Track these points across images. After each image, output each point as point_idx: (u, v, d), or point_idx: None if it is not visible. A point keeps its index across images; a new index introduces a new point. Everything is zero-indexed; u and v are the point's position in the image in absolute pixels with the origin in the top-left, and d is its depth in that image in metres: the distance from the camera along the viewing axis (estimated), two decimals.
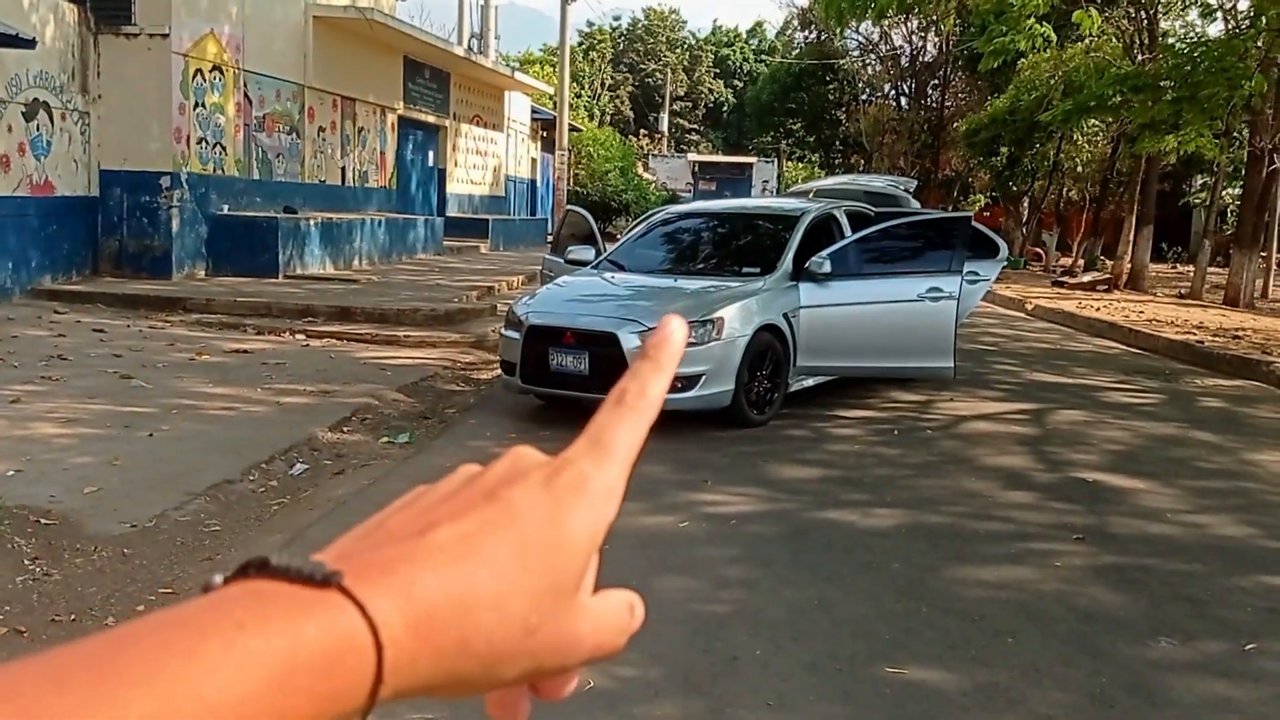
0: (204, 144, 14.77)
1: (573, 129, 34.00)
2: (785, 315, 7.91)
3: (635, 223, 9.71)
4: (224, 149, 15.25)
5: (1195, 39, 17.11)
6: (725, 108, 67.03)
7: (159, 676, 0.37)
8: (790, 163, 50.01)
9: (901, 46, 36.99)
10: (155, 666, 0.37)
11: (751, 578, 4.66)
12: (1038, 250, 31.38)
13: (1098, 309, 16.89)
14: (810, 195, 10.32)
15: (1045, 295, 19.59)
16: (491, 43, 27.48)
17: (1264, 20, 14.00)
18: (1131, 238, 22.95)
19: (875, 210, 9.36)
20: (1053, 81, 22.28)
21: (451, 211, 23.69)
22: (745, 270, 8.25)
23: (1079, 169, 29.63)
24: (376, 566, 0.43)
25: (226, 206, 15.22)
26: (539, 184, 32.31)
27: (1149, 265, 23.42)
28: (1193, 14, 22.21)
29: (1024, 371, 10.80)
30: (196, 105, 14.55)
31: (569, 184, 31.13)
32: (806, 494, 6.01)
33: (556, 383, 7.52)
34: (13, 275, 12.56)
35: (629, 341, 7.21)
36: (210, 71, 14.82)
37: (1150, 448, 7.49)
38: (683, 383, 7.25)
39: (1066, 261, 29.29)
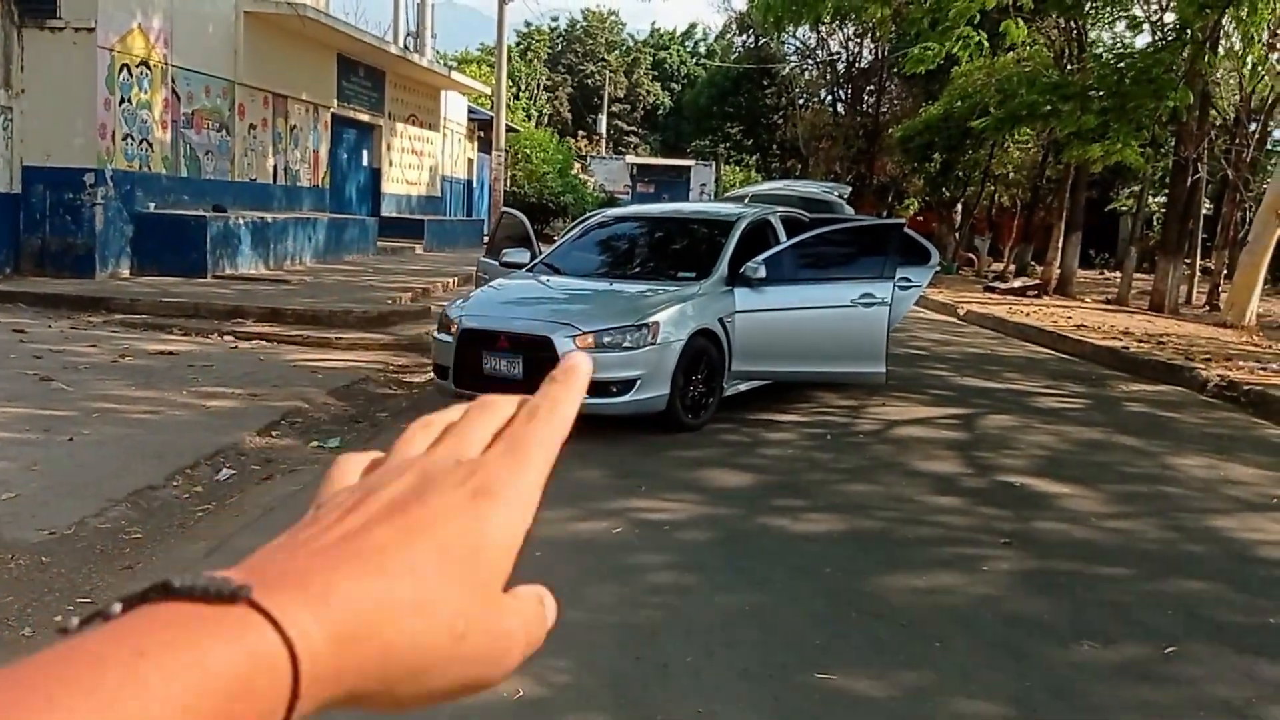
0: (130, 140, 14.46)
1: (510, 130, 33.85)
2: (720, 320, 7.92)
3: (571, 225, 9.66)
4: (151, 146, 14.94)
5: (1122, 50, 17.48)
6: (663, 110, 67.20)
7: (54, 713, 0.34)
8: (728, 166, 50.25)
9: (838, 52, 37.39)
10: (50, 704, 0.35)
11: (684, 584, 4.65)
12: (970, 256, 31.85)
13: (1028, 314, 17.18)
14: (746, 200, 10.36)
15: (977, 300, 19.87)
16: (428, 41, 27.24)
17: (1189, 33, 14.33)
18: (1061, 244, 23.40)
19: (809, 216, 9.42)
20: (985, 90, 22.65)
21: (387, 212, 23.44)
22: (681, 274, 8.26)
23: (1010, 176, 30.15)
24: (291, 578, 0.41)
25: (153, 204, 14.92)
26: (475, 185, 32.11)
27: (1078, 271, 23.89)
28: (1120, 25, 22.74)
29: (955, 376, 10.94)
30: (123, 101, 14.25)
31: (506, 185, 30.99)
32: (740, 499, 6.02)
33: (490, 386, 7.44)
34: None
35: (564, 345, 7.17)
36: (137, 66, 14.52)
37: (1076, 452, 7.62)
38: (618, 387, 7.24)
39: (998, 267, 29.78)
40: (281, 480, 6.30)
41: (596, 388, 7.19)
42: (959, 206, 31.97)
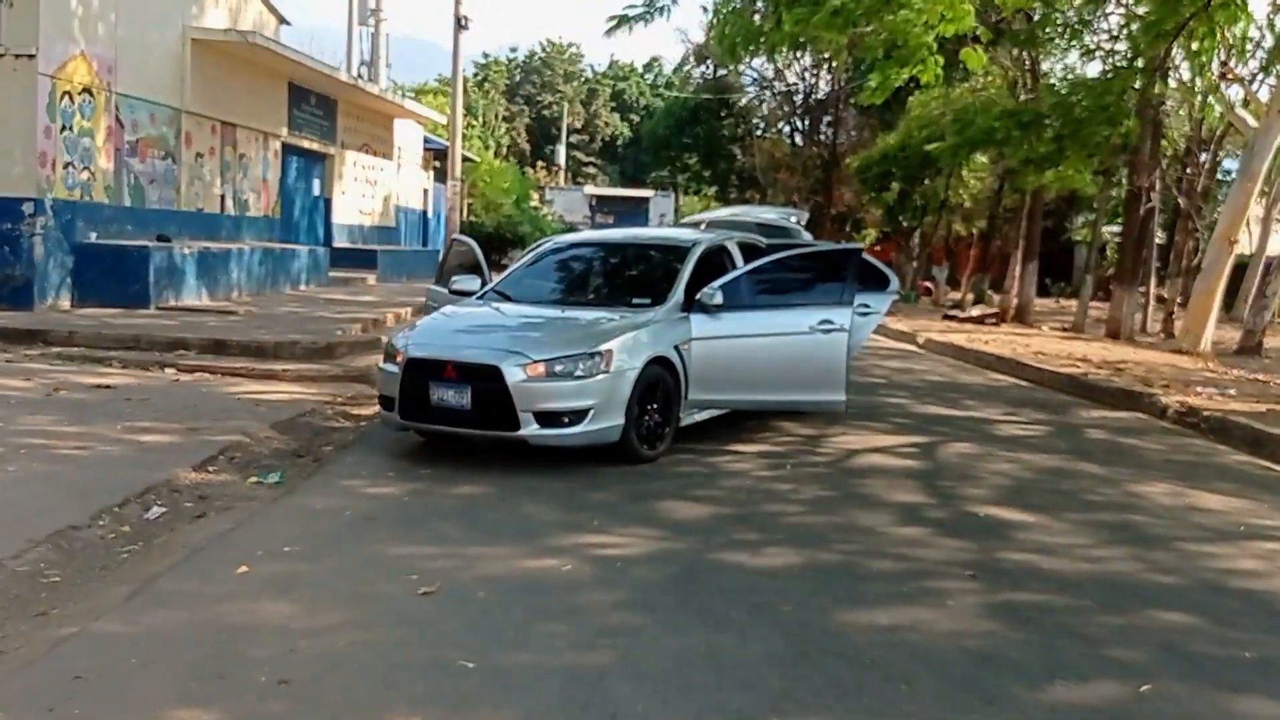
0: (71, 169, 14.08)
1: (467, 159, 33.65)
2: (676, 347, 7.70)
3: (525, 252, 9.43)
4: (93, 174, 14.56)
5: (1076, 79, 17.57)
6: (621, 141, 67.31)
7: None
8: (688, 196, 50.28)
9: (795, 83, 37.53)
10: None
11: (636, 624, 4.39)
12: (928, 285, 31.93)
13: (987, 342, 17.12)
14: (702, 226, 10.18)
15: (937, 329, 19.83)
16: (382, 70, 27.04)
17: (1139, 61, 14.39)
18: (1018, 273, 23.47)
19: (766, 242, 9.25)
20: (943, 119, 22.71)
21: (339, 242, 23.09)
22: (635, 301, 8.03)
23: (966, 205, 30.31)
24: None
25: (95, 234, 14.52)
26: (431, 215, 31.81)
27: (1034, 299, 23.96)
28: (1073, 56, 22.91)
29: (915, 404, 10.79)
30: (64, 129, 13.88)
31: (463, 215, 30.76)
32: (697, 533, 5.78)
33: (437, 418, 7.19)
34: None
35: (513, 375, 6.92)
36: (80, 94, 14.17)
37: (1039, 480, 7.45)
38: (570, 417, 7.00)
39: (956, 295, 29.88)
40: (214, 518, 5.99)
41: (548, 418, 6.96)
42: (917, 236, 32.08)
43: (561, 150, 60.53)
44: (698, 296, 7.88)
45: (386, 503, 6.32)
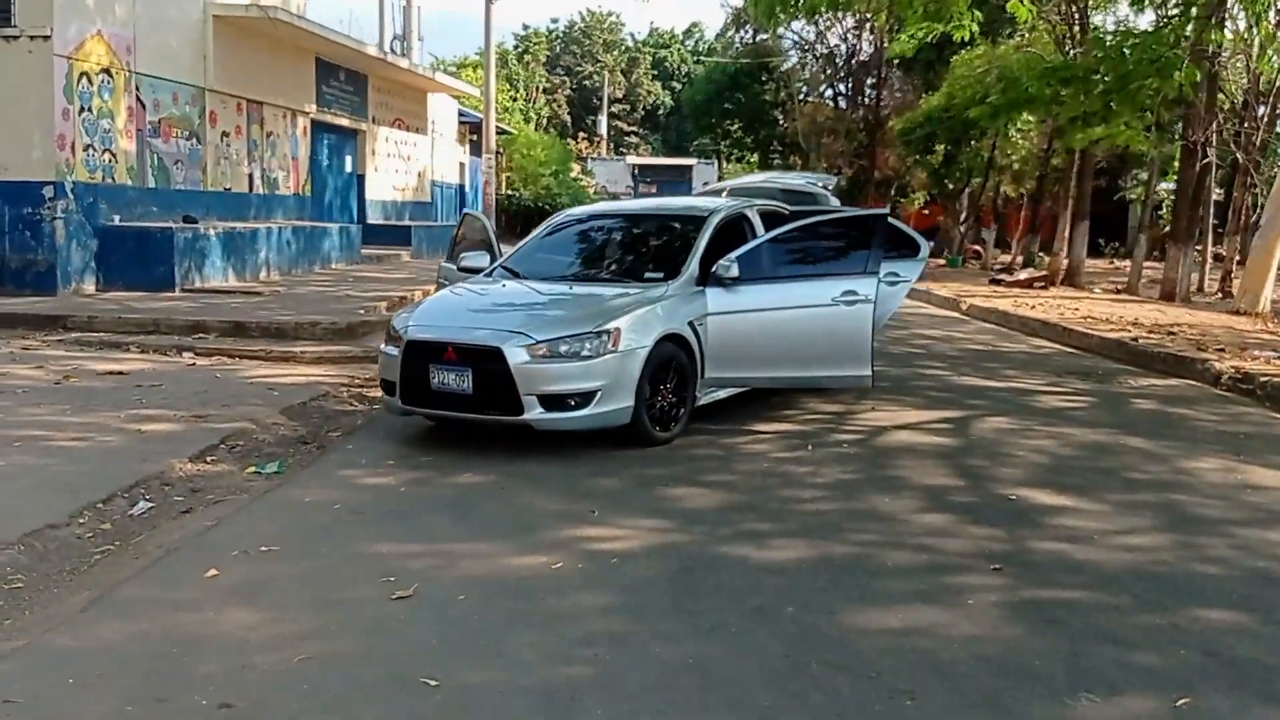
0: (92, 151, 13.91)
1: (503, 132, 33.32)
2: (691, 323, 7.30)
3: (541, 226, 9.06)
4: (115, 156, 14.39)
5: (1126, 30, 16.77)
6: (663, 110, 66.55)
7: None
8: (730, 164, 49.59)
9: (837, 45, 36.70)
10: None
11: (621, 632, 4.04)
12: (977, 249, 31.14)
13: (1033, 307, 16.53)
14: (724, 194, 9.74)
15: (982, 294, 19.21)
16: (415, 44, 26.68)
17: (1193, 10, 13.68)
18: (1068, 234, 22.72)
19: (790, 209, 8.80)
20: (987, 77, 21.95)
21: (373, 218, 22.87)
22: (648, 275, 7.64)
23: (1014, 166, 29.43)
24: None
25: (119, 217, 14.36)
26: (468, 188, 31.52)
27: (1085, 261, 23.20)
28: (1123, 8, 22.04)
29: (952, 375, 10.31)
30: (83, 110, 13.70)
31: (500, 188, 30.45)
32: (703, 524, 5.41)
33: (438, 403, 6.86)
34: None
35: (515, 356, 6.57)
36: (98, 75, 13.97)
37: (1078, 458, 6.98)
38: (576, 400, 6.64)
39: (1006, 259, 29.08)
40: (200, 513, 5.72)
41: (552, 401, 6.61)
42: (964, 198, 31.25)
43: (603, 120, 59.99)
44: (713, 269, 7.47)
45: (381, 494, 6.01)
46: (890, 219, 8.25)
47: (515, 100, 48.25)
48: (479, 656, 3.80)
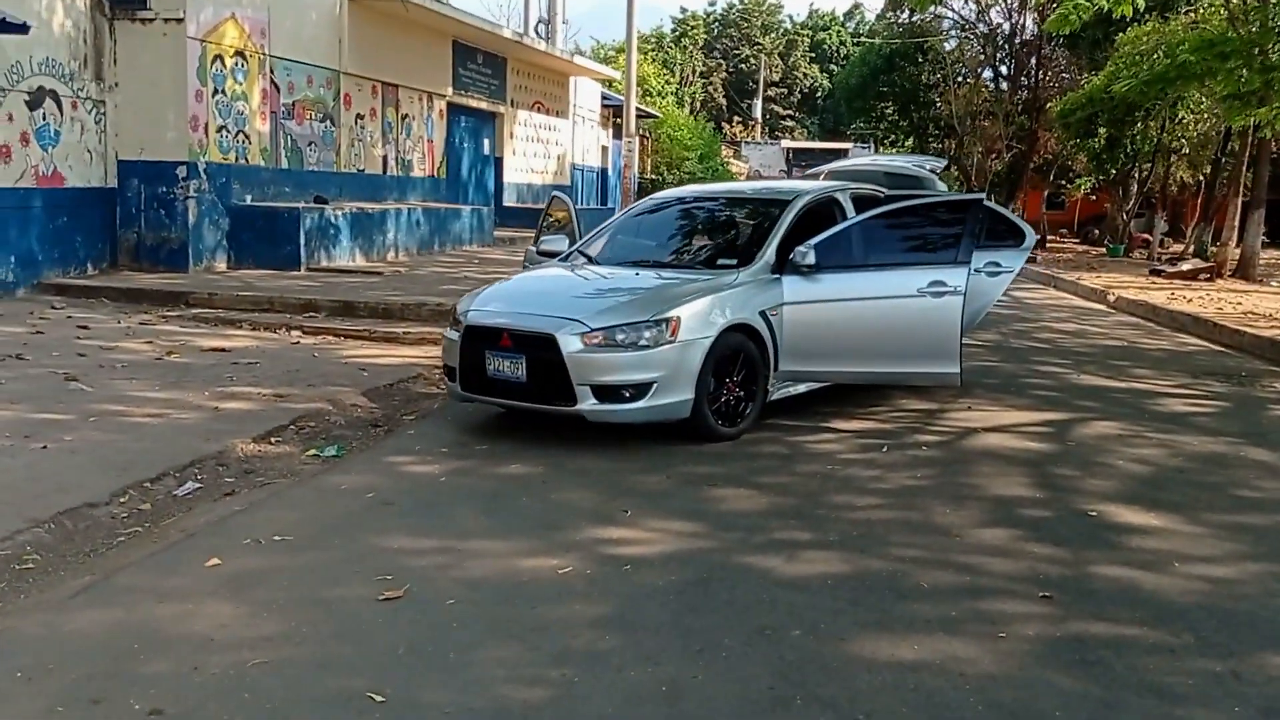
0: (225, 132, 14.29)
1: (648, 116, 33.12)
2: (763, 313, 6.91)
3: (624, 210, 8.79)
4: (248, 137, 14.77)
5: None
6: (820, 93, 65.25)
7: None
8: (884, 147, 48.24)
9: (999, 24, 35.16)
10: None
11: (603, 649, 3.74)
12: (1146, 236, 29.39)
13: (1190, 301, 15.41)
14: (822, 177, 9.26)
15: (1137, 285, 18.05)
16: (559, 28, 26.72)
17: None
18: (1239, 222, 21.13)
19: (887, 192, 8.28)
20: (1153, 56, 20.57)
21: (509, 201, 23.02)
22: (722, 262, 7.27)
23: (1185, 150, 27.61)
24: None
25: (250, 197, 14.74)
26: (610, 172, 31.48)
27: (1260, 252, 21.56)
28: None
29: (1072, 374, 9.57)
30: (216, 92, 14.08)
31: (644, 172, 30.30)
32: (738, 529, 5.05)
33: (494, 390, 6.67)
34: (15, 269, 12.22)
35: (569, 344, 6.32)
36: (232, 57, 14.34)
37: (1186, 470, 6.31)
38: (631, 391, 6.35)
39: (1178, 248, 27.34)
40: (240, 496, 5.67)
41: (606, 392, 6.34)
42: (1134, 184, 29.51)
43: (758, 104, 59.20)
44: (790, 256, 7.06)
45: (419, 483, 5.85)
46: (994, 205, 7.66)
47: (669, 84, 48.02)
48: (441, 670, 3.56)
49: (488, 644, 3.76)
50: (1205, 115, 25.60)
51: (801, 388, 7.44)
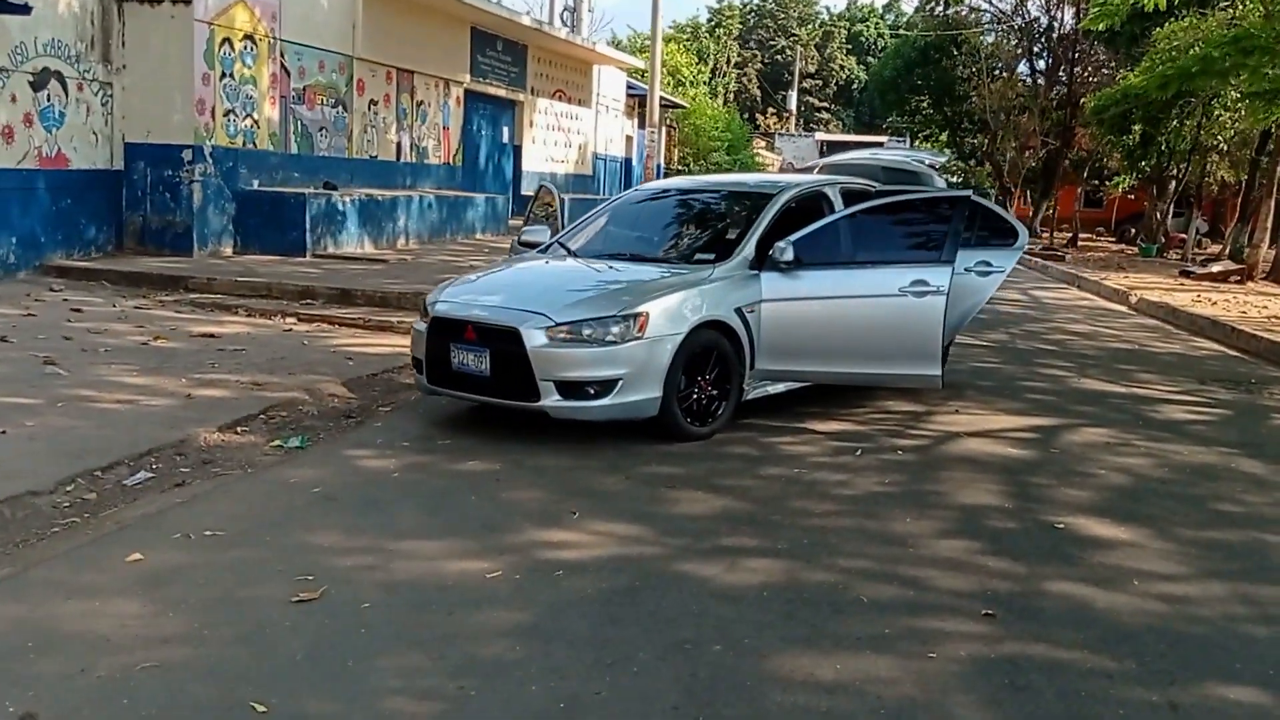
0: (232, 116, 14.24)
1: (675, 106, 32.88)
2: (739, 310, 6.71)
3: (608, 201, 8.61)
4: (256, 122, 14.71)
5: None
6: (856, 85, 64.64)
7: None
8: (919, 141, 47.67)
9: (1038, 18, 34.60)
10: None
11: (509, 661, 3.58)
12: (1182, 236, 28.78)
13: (1213, 303, 15.03)
14: (815, 171, 9.04)
15: (1163, 287, 17.65)
16: (584, 16, 26.54)
17: None
18: (1270, 224, 20.61)
19: (878, 188, 8.05)
20: (1190, 51, 20.09)
21: (528, 190, 22.85)
22: (699, 257, 7.09)
23: (1224, 148, 26.98)
24: None
25: (258, 181, 14.69)
26: (634, 162, 31.27)
27: None
28: None
29: (1073, 377, 9.30)
30: (224, 76, 14.03)
31: (670, 163, 30.08)
32: (685, 534, 4.88)
33: (459, 383, 6.53)
34: (16, 250, 12.23)
35: (533, 338, 6.16)
36: (241, 41, 14.28)
37: (1168, 481, 6.06)
38: (596, 388, 6.18)
39: (1216, 249, 26.75)
40: (186, 489, 5.55)
41: (570, 388, 6.18)
42: (1171, 183, 28.89)
43: (793, 96, 58.73)
44: (769, 252, 6.86)
45: (370, 478, 5.72)
46: (986, 202, 7.43)
47: (701, 74, 47.71)
48: (334, 680, 3.42)
49: (391, 652, 3.61)
50: (1243, 113, 24.98)
51: (780, 387, 7.25)
